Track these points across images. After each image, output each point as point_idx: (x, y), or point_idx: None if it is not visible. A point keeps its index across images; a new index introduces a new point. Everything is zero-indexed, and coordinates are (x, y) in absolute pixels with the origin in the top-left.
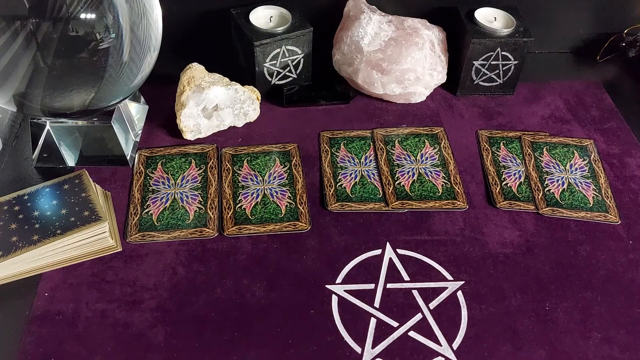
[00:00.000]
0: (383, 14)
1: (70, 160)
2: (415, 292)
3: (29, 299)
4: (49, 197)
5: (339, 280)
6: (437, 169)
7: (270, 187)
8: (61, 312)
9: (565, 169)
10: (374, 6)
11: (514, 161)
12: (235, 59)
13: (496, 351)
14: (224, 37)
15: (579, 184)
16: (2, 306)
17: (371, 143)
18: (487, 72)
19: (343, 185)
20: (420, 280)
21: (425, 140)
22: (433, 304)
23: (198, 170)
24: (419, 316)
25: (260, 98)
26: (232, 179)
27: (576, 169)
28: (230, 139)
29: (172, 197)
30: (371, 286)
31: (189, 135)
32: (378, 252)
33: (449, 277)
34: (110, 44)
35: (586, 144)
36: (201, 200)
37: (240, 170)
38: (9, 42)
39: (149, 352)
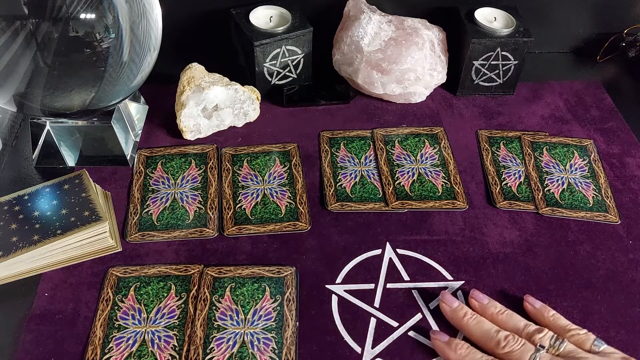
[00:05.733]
0: (383, 14)
1: (70, 160)
2: (415, 292)
3: (29, 299)
4: (49, 197)
5: (338, 280)
6: (437, 169)
7: (270, 187)
8: (61, 311)
9: (565, 169)
10: (374, 6)
11: (514, 161)
12: (235, 59)
13: None
14: (224, 37)
15: (579, 184)
16: (2, 306)
17: (371, 143)
18: (487, 72)
19: (343, 185)
20: (420, 280)
21: (425, 140)
22: (433, 304)
23: (198, 170)
24: (419, 316)
25: (260, 98)
26: (232, 179)
27: (576, 169)
28: (230, 139)
29: (172, 197)
30: (371, 286)
31: (189, 135)
32: (378, 252)
33: (449, 277)
34: (110, 44)
35: (586, 144)
36: (201, 200)
37: (240, 170)
38: (9, 42)
39: None
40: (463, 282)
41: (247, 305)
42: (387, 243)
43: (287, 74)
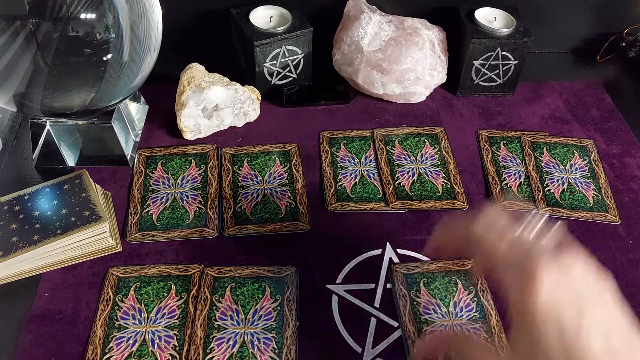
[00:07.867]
0: (383, 14)
1: (70, 160)
2: None
3: (29, 299)
4: (49, 197)
5: (339, 280)
6: (437, 169)
7: (270, 187)
8: (61, 311)
9: (565, 169)
10: (374, 6)
11: (514, 161)
12: (235, 59)
13: None
14: (224, 37)
15: (579, 184)
16: (2, 306)
17: (371, 143)
18: (487, 72)
19: (343, 185)
20: None
21: (425, 140)
22: None
23: (198, 170)
24: None
25: (260, 98)
26: (232, 179)
27: (576, 169)
28: (230, 139)
29: (172, 197)
30: (371, 286)
31: (189, 135)
32: (378, 252)
33: None
34: (110, 44)
35: (586, 144)
36: (201, 200)
37: (240, 170)
38: (9, 42)
39: None
40: None
41: (247, 305)
42: (387, 243)
43: (287, 74)
